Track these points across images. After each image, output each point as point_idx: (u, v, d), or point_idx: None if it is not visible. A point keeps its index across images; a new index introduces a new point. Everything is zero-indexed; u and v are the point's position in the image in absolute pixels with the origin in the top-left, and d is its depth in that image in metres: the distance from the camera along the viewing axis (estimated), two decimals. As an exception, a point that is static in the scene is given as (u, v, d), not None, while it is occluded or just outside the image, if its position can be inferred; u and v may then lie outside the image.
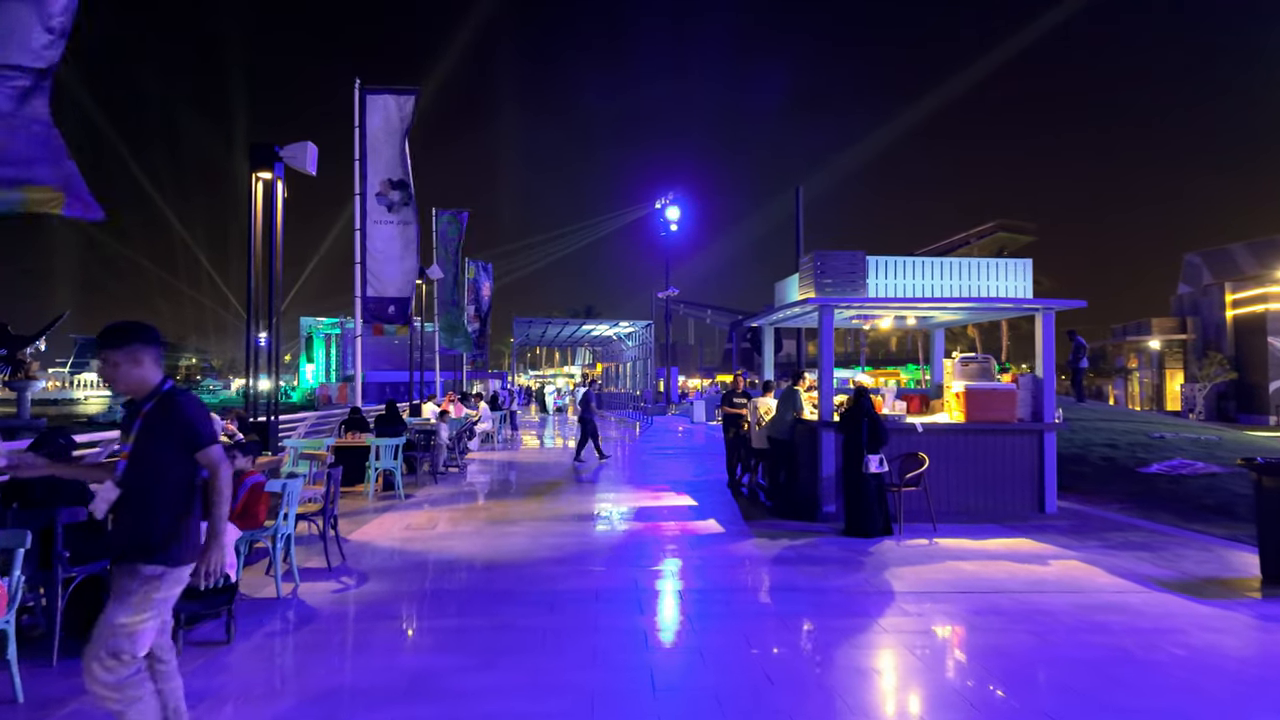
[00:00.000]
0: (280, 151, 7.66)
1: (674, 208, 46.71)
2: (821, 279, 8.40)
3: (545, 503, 9.40)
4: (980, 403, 8.55)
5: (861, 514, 7.52)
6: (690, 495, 10.05)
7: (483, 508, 9.06)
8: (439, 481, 11.18)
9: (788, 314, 9.67)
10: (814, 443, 8.50)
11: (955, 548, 7.11)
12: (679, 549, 6.94)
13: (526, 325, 31.40)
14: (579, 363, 75.36)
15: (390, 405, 11.98)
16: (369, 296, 11.57)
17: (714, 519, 8.38)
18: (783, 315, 9.81)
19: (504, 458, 15.10)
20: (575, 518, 8.37)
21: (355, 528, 7.74)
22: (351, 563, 6.25)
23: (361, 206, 11.60)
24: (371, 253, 11.59)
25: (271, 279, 7.70)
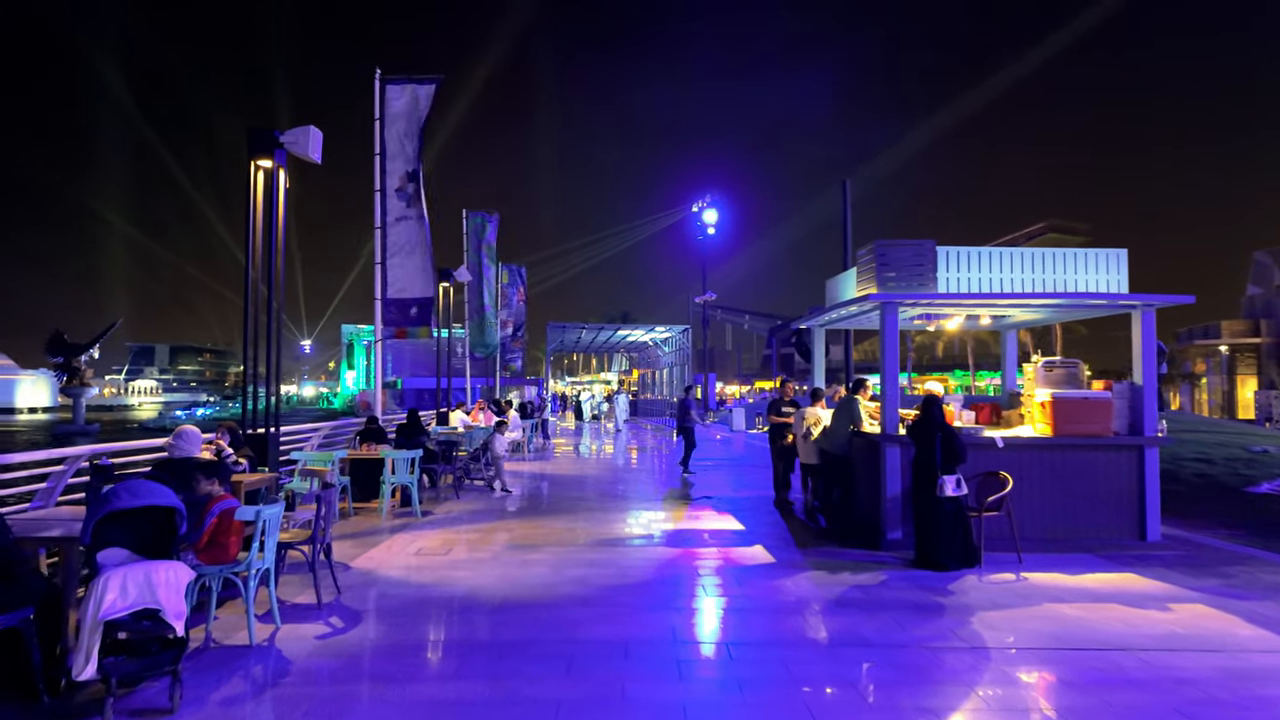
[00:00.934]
0: (281, 137, 6.97)
1: (711, 210, 45.79)
2: (884, 273, 7.38)
3: (573, 522, 8.52)
4: (1070, 413, 7.41)
5: (935, 543, 6.47)
6: (734, 515, 9.07)
7: (504, 528, 8.23)
8: (461, 497, 10.40)
9: (841, 314, 8.65)
10: (875, 459, 7.47)
11: (1049, 585, 6.03)
12: (724, 585, 5.99)
13: (560, 331, 30.67)
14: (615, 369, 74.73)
15: (412, 414, 11.28)
16: (390, 298, 10.90)
17: (761, 545, 7.40)
18: (836, 315, 8.79)
19: (534, 469, 14.30)
20: (605, 542, 7.47)
21: (361, 551, 6.97)
22: (347, 598, 5.45)
23: (382, 203, 10.95)
24: (392, 251, 10.93)
25: (271, 276, 7.00)
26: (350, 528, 8.14)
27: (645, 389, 47.47)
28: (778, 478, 9.73)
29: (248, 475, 6.09)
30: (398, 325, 10.89)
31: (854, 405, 7.91)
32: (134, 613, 3.42)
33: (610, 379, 70.64)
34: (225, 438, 6.29)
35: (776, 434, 9.77)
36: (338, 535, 7.69)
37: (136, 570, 3.48)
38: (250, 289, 6.97)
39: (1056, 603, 5.55)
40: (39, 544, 3.93)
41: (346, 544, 7.29)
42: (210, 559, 4.32)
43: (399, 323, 10.89)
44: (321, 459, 8.39)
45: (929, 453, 6.51)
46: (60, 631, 3.72)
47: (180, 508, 3.76)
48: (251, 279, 7.01)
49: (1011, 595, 5.74)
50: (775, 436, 9.76)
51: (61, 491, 5.52)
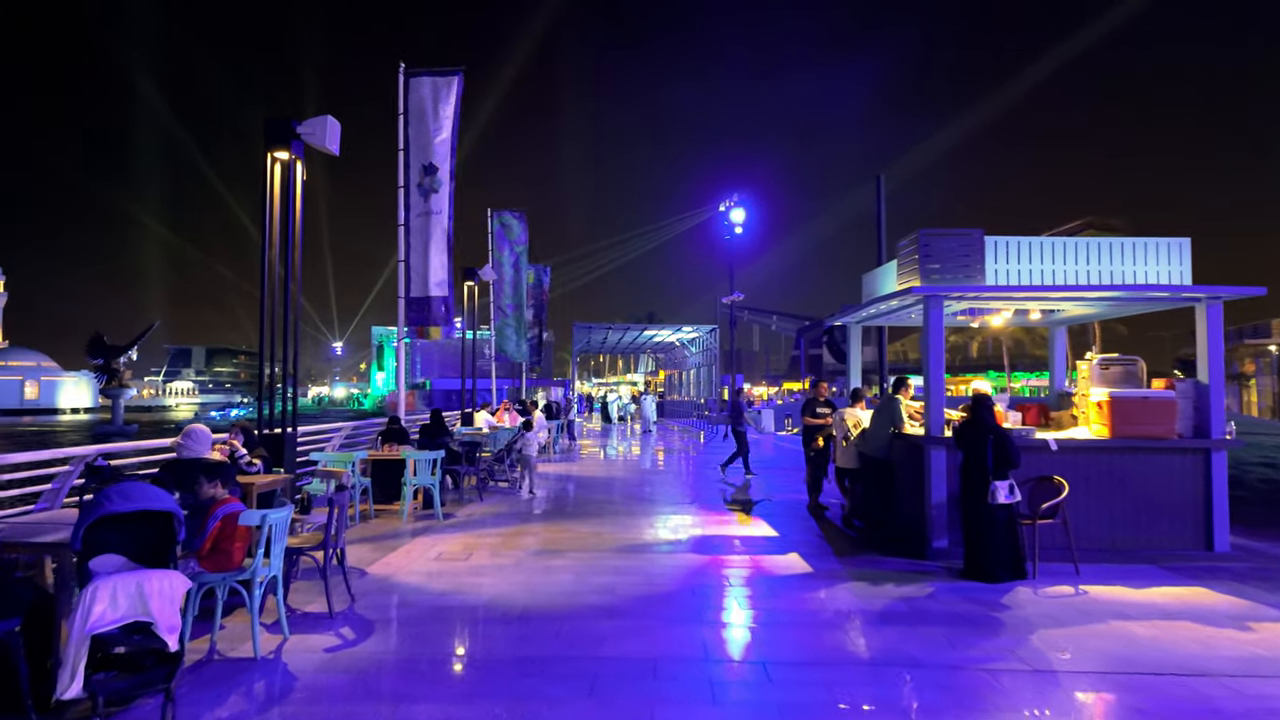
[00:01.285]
0: (298, 127, 6.77)
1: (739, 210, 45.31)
2: (927, 265, 6.95)
3: (599, 526, 8.21)
4: (1130, 414, 6.91)
5: (985, 553, 6.03)
6: (766, 520, 8.68)
7: (528, 532, 7.94)
8: (484, 499, 10.15)
9: (880, 309, 8.22)
10: (919, 463, 7.03)
11: (1112, 599, 5.56)
12: (758, 596, 5.62)
13: (587, 331, 30.41)
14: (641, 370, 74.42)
15: (435, 415, 11.07)
16: (412, 297, 10.70)
17: (796, 553, 7.01)
18: (874, 311, 8.36)
19: (560, 470, 14.03)
20: (632, 548, 7.14)
21: (379, 555, 6.73)
22: (361, 606, 5.19)
23: (405, 200, 10.76)
24: (414, 248, 10.73)
25: (289, 272, 6.80)
26: (370, 530, 7.92)
27: (671, 390, 47.09)
28: (812, 482, 9.32)
29: (261, 477, 5.87)
30: (419, 324, 10.69)
31: (895, 406, 7.48)
32: (124, 626, 3.18)
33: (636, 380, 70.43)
34: (239, 438, 6.08)
35: (810, 436, 9.36)
36: (357, 538, 7.48)
37: (128, 580, 3.23)
38: (267, 285, 6.77)
39: (1123, 619, 5.09)
40: (32, 549, 3.72)
41: (365, 548, 7.06)
42: (213, 566, 4.07)
43: (420, 321, 10.69)
44: (341, 460, 8.19)
45: (978, 456, 6.07)
46: (52, 644, 3.49)
47: (177, 513, 3.51)
48: (269, 275, 6.81)
49: (1072, 610, 5.29)
50: (808, 439, 9.35)
51: (68, 493, 5.36)
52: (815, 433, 9.27)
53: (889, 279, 8.39)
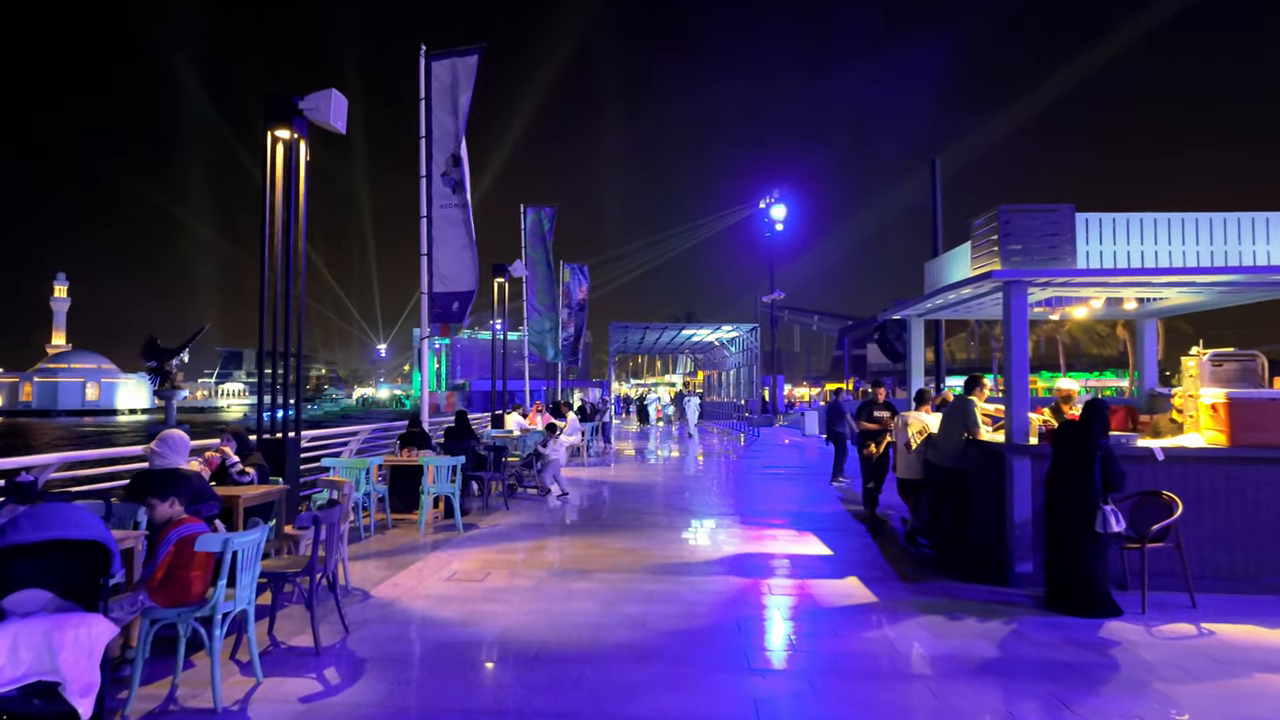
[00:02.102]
0: (300, 103, 6.17)
1: (779, 206, 44.11)
2: (1009, 245, 6.01)
3: (632, 541, 7.44)
4: (1254, 419, 5.86)
5: (1081, 584, 5.10)
6: (817, 536, 7.81)
7: (554, 546, 7.22)
8: (510, 508, 9.47)
9: (948, 299, 7.29)
10: (998, 474, 6.11)
11: (1248, 643, 4.59)
12: (816, 633, 4.78)
13: (623, 330, 29.62)
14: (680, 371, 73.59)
15: (460, 416, 10.45)
16: (436, 292, 10.10)
17: (856, 577, 6.14)
18: (940, 301, 7.43)
19: (594, 475, 13.31)
20: (668, 569, 6.36)
21: (387, 574, 6.07)
22: (354, 640, 4.51)
23: (428, 191, 10.16)
24: (438, 242, 10.13)
25: (290, 263, 6.19)
26: (385, 543, 7.30)
27: (710, 391, 46.13)
28: (868, 493, 8.40)
29: (252, 488, 5.26)
30: (443, 321, 10.09)
31: (969, 409, 6.56)
32: (24, 687, 2.52)
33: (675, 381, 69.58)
34: (231, 444, 5.48)
35: (865, 442, 8.45)
36: (368, 553, 6.85)
37: (32, 629, 2.58)
38: (267, 273, 6.18)
39: (1269, 672, 4.13)
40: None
41: (374, 564, 6.42)
42: (167, 599, 3.42)
43: (445, 318, 10.09)
44: (354, 467, 7.59)
45: (1079, 471, 5.13)
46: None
47: (106, 541, 2.86)
48: (270, 264, 6.22)
49: (1201, 657, 4.34)
50: (864, 445, 8.44)
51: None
52: (872, 438, 8.36)
53: (959, 265, 7.45)
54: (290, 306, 6.19)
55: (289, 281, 6.20)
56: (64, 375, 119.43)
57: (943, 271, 7.97)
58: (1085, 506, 5.05)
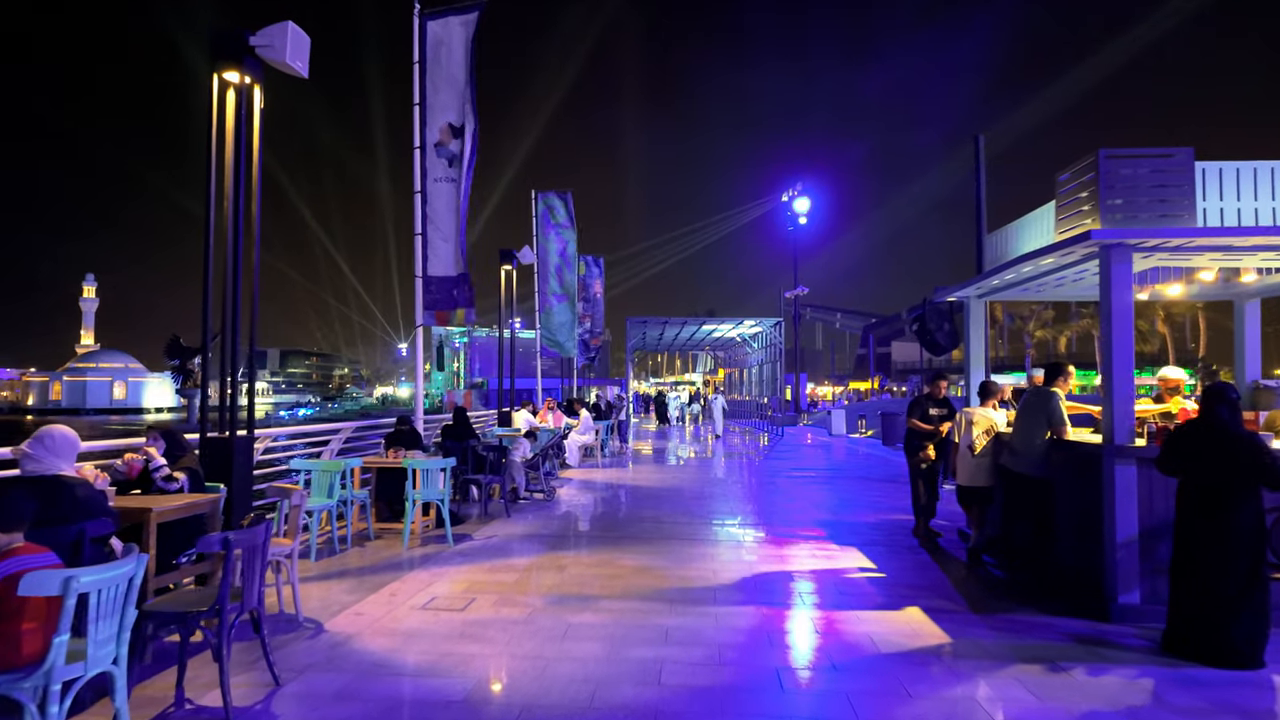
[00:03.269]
0: (251, 39, 5.20)
1: (803, 199, 42.76)
2: (1109, 200, 4.86)
3: (647, 557, 6.39)
4: None
5: (1227, 628, 3.96)
6: (861, 551, 6.70)
7: (555, 564, 6.19)
8: (512, 515, 8.46)
9: (1021, 272, 6.15)
10: (1091, 482, 4.97)
11: None
12: (882, 691, 3.68)
13: (641, 326, 28.50)
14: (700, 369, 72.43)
15: (459, 414, 9.46)
16: (431, 276, 9.13)
17: (918, 607, 5.03)
18: (1011, 276, 6.28)
19: (608, 478, 12.27)
20: (688, 595, 5.30)
21: (355, 599, 5.08)
22: (283, 698, 3.50)
23: (422, 163, 9.19)
24: (434, 220, 9.16)
25: (239, 231, 5.21)
26: (360, 559, 6.32)
27: (731, 389, 44.92)
28: (919, 502, 7.27)
29: (178, 498, 4.28)
30: (440, 308, 9.13)
31: (1053, 403, 5.42)
32: None
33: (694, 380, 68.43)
34: (158, 444, 4.51)
35: (916, 445, 7.32)
36: (335, 572, 5.87)
37: None
38: (213, 244, 5.21)
39: None
40: None
41: (341, 586, 5.43)
42: (-13, 661, 2.43)
43: (443, 305, 9.13)
44: (329, 469, 6.62)
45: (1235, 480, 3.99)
46: None
47: None
48: (218, 229, 5.24)
49: None
50: (915, 447, 7.31)
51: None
52: (925, 440, 7.22)
53: (1035, 232, 6.31)
54: (239, 279, 5.20)
55: (238, 254, 5.21)
56: (92, 375, 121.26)
57: (1011, 242, 6.83)
58: (1245, 528, 3.91)
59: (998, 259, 7.10)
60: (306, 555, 6.25)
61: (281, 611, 4.74)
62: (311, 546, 6.24)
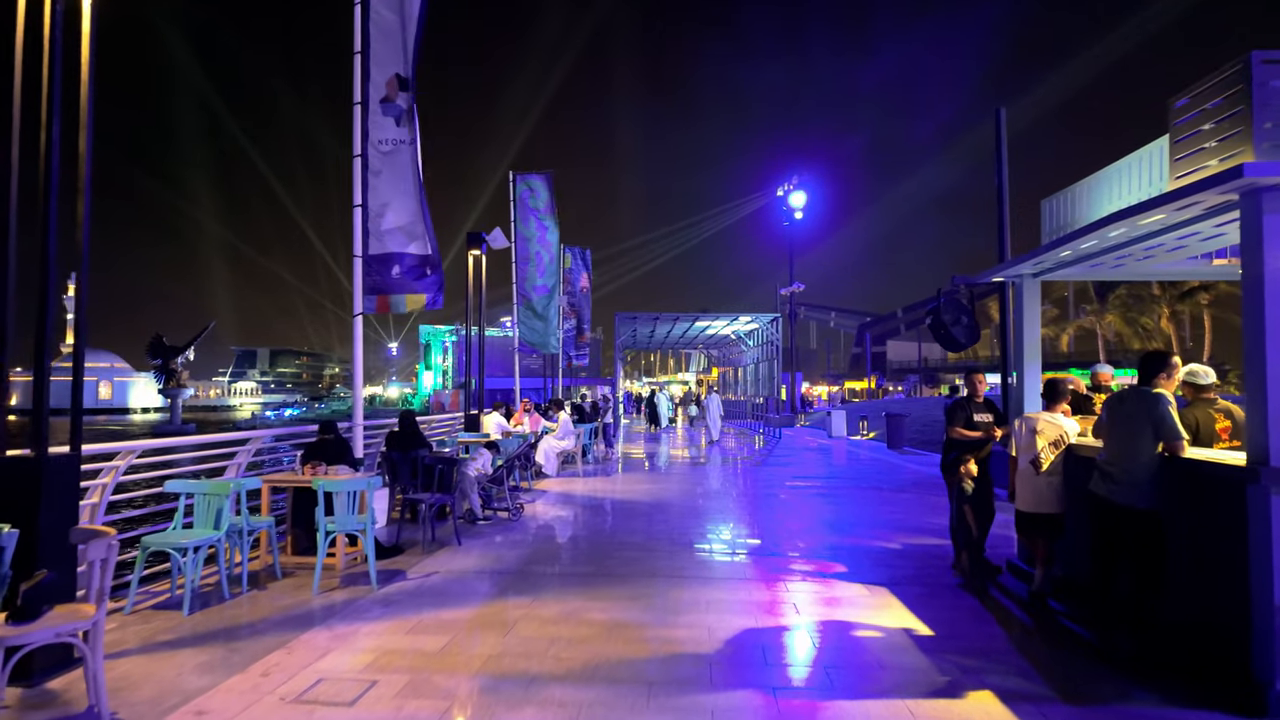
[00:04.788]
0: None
1: (799, 193, 41.40)
2: (1262, 122, 3.47)
3: (623, 607, 4.98)
4: None
5: None
6: (897, 594, 5.30)
7: (499, 620, 4.76)
8: (465, 542, 7.02)
9: (1106, 237, 4.75)
10: (1225, 516, 3.60)
11: None
12: None
13: (631, 322, 27.11)
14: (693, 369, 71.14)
15: (406, 419, 8.05)
16: (373, 255, 7.71)
17: (988, 691, 3.63)
18: (1093, 242, 4.87)
19: (589, 490, 10.84)
20: (670, 674, 3.88)
21: (210, 682, 3.64)
22: None
23: (363, 123, 7.76)
24: (377, 189, 7.74)
25: (52, 157, 3.77)
26: (253, 610, 4.88)
27: (725, 389, 43.57)
28: (974, 531, 5.85)
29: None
30: (382, 291, 7.71)
31: (1163, 408, 4.02)
32: None
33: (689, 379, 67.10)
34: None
35: (955, 458, 5.91)
36: (207, 631, 4.44)
37: None
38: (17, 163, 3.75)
39: None
40: None
41: (199, 657, 3.99)
42: None
43: (386, 288, 7.71)
44: (214, 493, 5.17)
45: None
46: None
47: None
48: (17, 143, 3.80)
49: None
50: (956, 463, 5.90)
51: None
52: (967, 451, 5.82)
53: (1116, 189, 4.93)
54: (54, 194, 3.75)
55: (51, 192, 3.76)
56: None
57: (1081, 205, 5.44)
58: None
59: (1062, 228, 5.71)
60: (178, 606, 4.81)
61: (87, 711, 3.30)
62: (186, 595, 4.79)
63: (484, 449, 8.26)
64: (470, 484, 7.93)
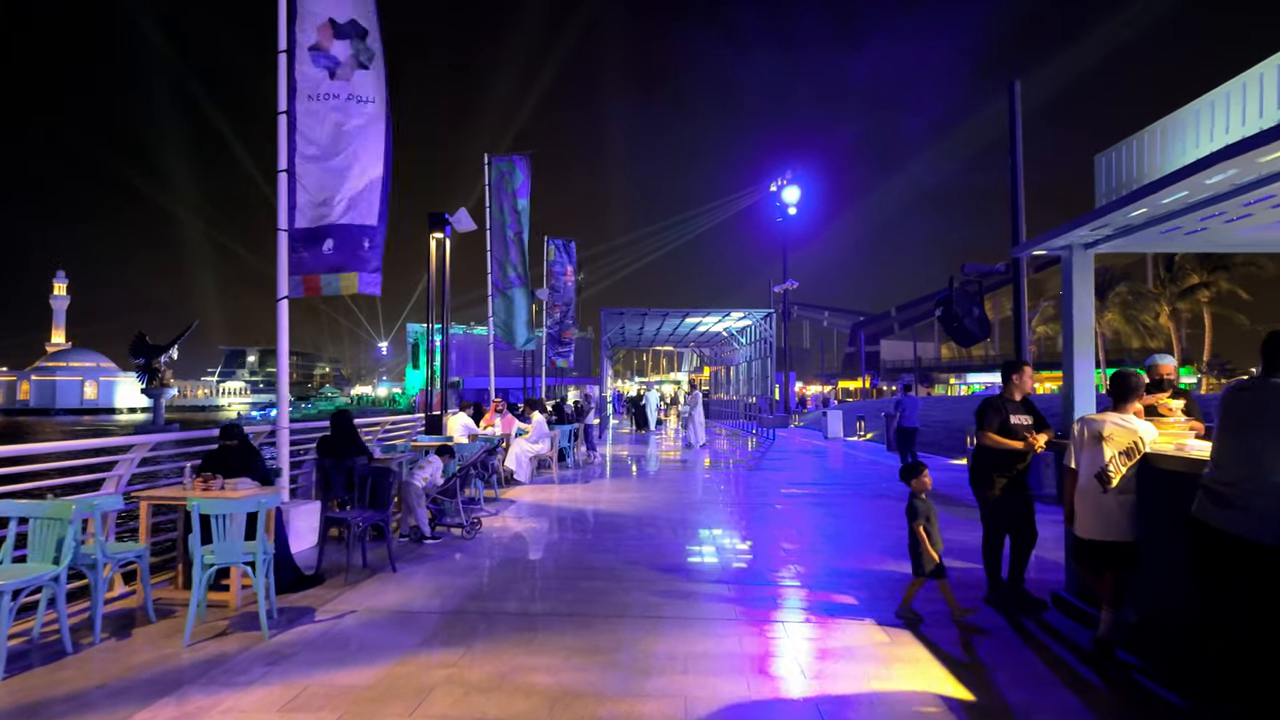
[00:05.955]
0: None
1: (793, 188, 40.35)
2: None
3: (571, 669, 3.88)
4: None
5: None
6: (915, 635, 4.23)
7: (411, 687, 3.65)
8: (401, 568, 5.90)
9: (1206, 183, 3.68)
10: None
11: None
12: None
13: (618, 318, 26.04)
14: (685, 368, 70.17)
15: (340, 420, 6.93)
16: (299, 229, 6.59)
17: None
18: (1182, 194, 3.80)
19: (561, 500, 9.73)
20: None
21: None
22: None
23: (289, 75, 6.64)
24: (307, 153, 6.62)
25: None
26: (91, 672, 3.75)
27: (717, 388, 42.51)
28: (1015, 557, 4.77)
29: None
30: (309, 270, 6.58)
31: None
32: None
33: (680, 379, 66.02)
34: None
35: (989, 468, 4.83)
36: (15, 707, 3.31)
37: None
38: None
39: None
40: None
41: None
42: None
43: (314, 266, 6.57)
44: (53, 516, 4.04)
45: None
46: None
47: None
48: None
49: None
50: (987, 472, 4.83)
51: None
52: (1005, 464, 4.75)
53: (1223, 117, 3.87)
54: None
55: None
56: (62, 373, 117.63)
57: (1153, 154, 4.38)
58: None
59: (1121, 186, 4.65)
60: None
61: None
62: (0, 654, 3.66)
63: (434, 455, 7.14)
64: (417, 496, 6.81)
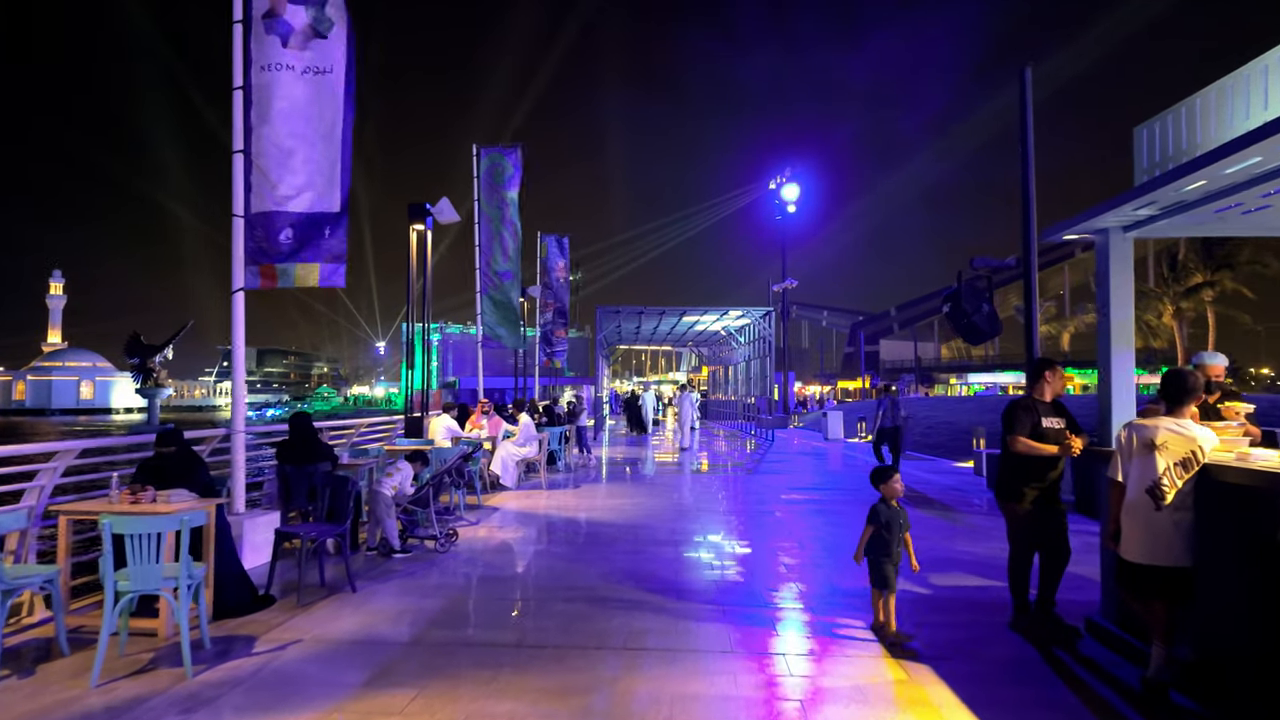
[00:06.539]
0: None
1: (792, 185, 39.82)
2: None
3: (538, 717, 3.34)
4: None
5: None
6: (936, 672, 3.69)
7: (359, 729, 3.11)
8: (362, 588, 5.35)
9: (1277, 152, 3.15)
10: None
11: None
12: None
13: (614, 316, 25.43)
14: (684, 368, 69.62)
15: (299, 423, 6.40)
16: (255, 214, 6.04)
17: None
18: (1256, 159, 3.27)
19: (548, 507, 9.18)
20: None
21: None
22: None
23: (245, 44, 6.09)
24: (261, 130, 6.08)
25: None
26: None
27: (716, 388, 41.97)
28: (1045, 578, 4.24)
29: None
30: (268, 260, 6.03)
31: None
32: None
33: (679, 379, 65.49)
34: None
35: (1020, 478, 4.29)
36: None
37: None
38: None
39: None
40: None
41: None
42: None
43: (275, 255, 6.02)
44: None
45: None
46: None
47: None
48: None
49: None
50: (1016, 482, 4.29)
51: None
52: (1038, 473, 4.21)
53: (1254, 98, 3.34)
54: None
55: None
56: (58, 373, 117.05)
57: (1205, 123, 3.84)
58: None
59: (1166, 160, 4.11)
60: None
61: None
62: None
63: (403, 461, 6.58)
64: (385, 506, 6.26)
